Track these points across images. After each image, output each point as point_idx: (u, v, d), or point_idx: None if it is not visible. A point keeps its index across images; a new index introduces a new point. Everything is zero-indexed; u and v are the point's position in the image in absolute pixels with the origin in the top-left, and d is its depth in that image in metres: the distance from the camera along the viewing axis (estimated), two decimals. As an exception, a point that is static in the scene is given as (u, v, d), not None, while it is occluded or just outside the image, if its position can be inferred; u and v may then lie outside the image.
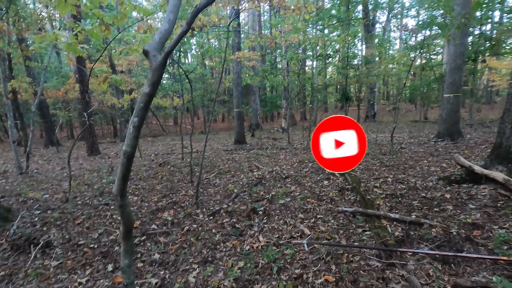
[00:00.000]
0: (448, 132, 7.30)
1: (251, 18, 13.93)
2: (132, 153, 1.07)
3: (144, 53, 1.03)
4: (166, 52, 1.00)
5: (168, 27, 1.04)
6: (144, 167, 6.46)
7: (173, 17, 1.06)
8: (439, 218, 2.75)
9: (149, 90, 0.99)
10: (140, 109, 1.01)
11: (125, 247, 1.27)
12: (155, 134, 17.57)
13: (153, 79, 0.98)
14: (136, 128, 1.03)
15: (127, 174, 1.10)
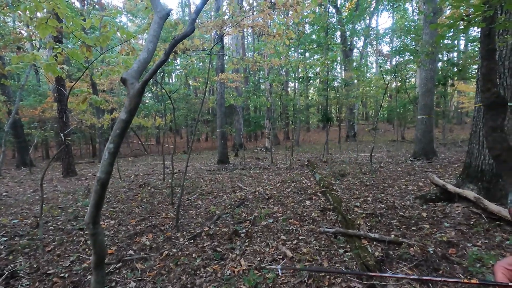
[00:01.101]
0: (423, 152, 7.62)
1: (234, 42, 14.36)
2: (107, 180, 1.05)
3: (122, 80, 1.04)
4: (144, 81, 1.02)
5: (146, 56, 1.07)
6: (123, 188, 6.25)
7: (152, 47, 1.09)
8: (416, 237, 2.82)
9: (126, 116, 1.00)
10: (116, 135, 1.01)
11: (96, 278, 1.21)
12: (136, 154, 17.17)
13: (131, 106, 0.99)
14: (112, 154, 1.02)
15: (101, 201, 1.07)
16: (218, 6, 8.74)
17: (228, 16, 4.51)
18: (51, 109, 12.39)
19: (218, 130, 9.27)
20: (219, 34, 4.35)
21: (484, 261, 2.25)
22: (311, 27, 19.02)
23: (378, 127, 22.74)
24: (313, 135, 24.53)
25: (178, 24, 3.97)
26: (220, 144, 9.25)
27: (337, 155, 10.38)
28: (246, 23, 4.42)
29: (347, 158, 9.27)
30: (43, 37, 2.80)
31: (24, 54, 2.64)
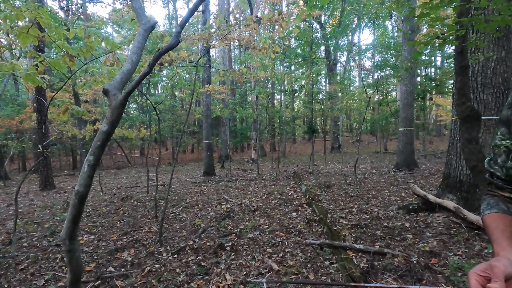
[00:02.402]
0: (405, 163, 7.84)
1: (221, 54, 14.52)
2: (86, 193, 1.01)
3: (104, 92, 1.03)
4: (127, 92, 1.00)
5: (130, 67, 1.06)
6: (104, 202, 6.04)
7: (136, 58, 1.08)
8: (400, 247, 2.86)
9: (108, 128, 0.97)
10: (97, 147, 0.98)
11: (72, 297, 1.15)
12: (120, 166, 16.72)
13: (112, 118, 0.97)
14: (91, 167, 0.99)
15: (78, 216, 1.03)
16: (205, 20, 8.86)
17: (215, 29, 4.58)
18: (30, 119, 11.96)
19: (204, 141, 9.21)
20: (206, 47, 4.39)
21: (465, 270, 2.30)
22: (296, 42, 19.55)
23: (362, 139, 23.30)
24: (299, 146, 24.79)
25: (165, 36, 3.98)
26: (206, 155, 9.17)
27: (323, 166, 10.51)
28: (232, 37, 4.50)
29: (332, 169, 9.39)
30: (24, 46, 2.74)
31: (2, 63, 2.56)
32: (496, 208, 0.72)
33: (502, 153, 0.73)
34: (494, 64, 3.25)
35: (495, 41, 2.93)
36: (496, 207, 0.73)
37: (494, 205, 0.74)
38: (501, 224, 0.68)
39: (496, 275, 0.51)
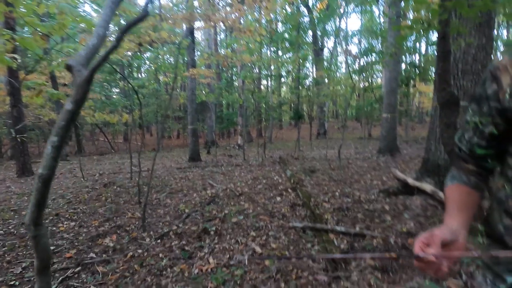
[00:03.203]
0: (387, 148, 8.04)
1: (206, 37, 14.11)
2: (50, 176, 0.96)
3: (67, 67, 0.95)
4: (93, 68, 0.94)
5: (96, 42, 0.98)
6: (85, 188, 5.89)
7: (103, 32, 1.01)
8: (379, 229, 2.96)
9: (72, 107, 0.91)
10: (61, 127, 0.92)
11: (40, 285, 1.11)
12: (103, 152, 16.30)
13: (77, 96, 0.91)
14: (56, 148, 0.93)
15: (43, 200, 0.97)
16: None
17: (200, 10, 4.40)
18: (4, 103, 11.35)
19: (189, 127, 9.07)
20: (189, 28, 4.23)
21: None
22: (283, 26, 19.24)
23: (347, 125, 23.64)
24: (286, 132, 24.91)
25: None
26: (191, 141, 9.06)
27: (308, 152, 10.63)
28: (216, 18, 4.34)
29: (318, 155, 9.52)
30: (-12, 22, 2.53)
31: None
32: (458, 179, 0.76)
33: (470, 129, 0.74)
34: (475, 51, 3.31)
35: (476, 28, 2.97)
36: (458, 178, 0.76)
37: (456, 177, 0.77)
38: (457, 195, 0.73)
39: (433, 241, 0.58)
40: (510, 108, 0.62)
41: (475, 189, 0.74)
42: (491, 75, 0.66)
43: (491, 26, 3.06)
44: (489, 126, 0.68)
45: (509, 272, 0.64)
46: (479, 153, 0.73)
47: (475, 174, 0.76)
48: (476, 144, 0.73)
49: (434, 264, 0.56)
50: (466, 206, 0.71)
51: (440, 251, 0.56)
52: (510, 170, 0.67)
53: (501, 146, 0.70)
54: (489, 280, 0.69)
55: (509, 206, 0.65)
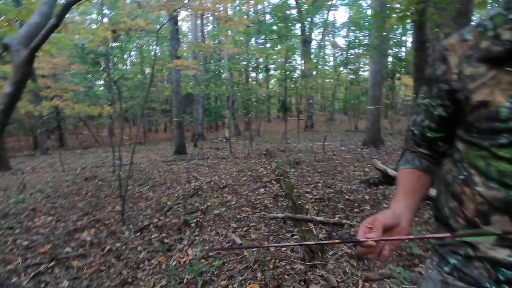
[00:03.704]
0: (372, 140, 8.15)
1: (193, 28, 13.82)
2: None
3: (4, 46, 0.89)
4: (32, 48, 0.87)
5: (38, 20, 0.92)
6: (66, 182, 5.74)
7: (47, 9, 0.94)
8: (358, 218, 3.00)
9: (11, 90, 0.85)
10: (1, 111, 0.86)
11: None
12: (86, 145, 15.91)
13: (16, 78, 0.85)
14: (-5, 134, 0.87)
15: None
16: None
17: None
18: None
19: (174, 119, 8.92)
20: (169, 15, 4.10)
21: (412, 235, 2.46)
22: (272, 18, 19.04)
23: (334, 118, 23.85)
24: (274, 125, 24.90)
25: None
26: (176, 134, 8.93)
27: (295, 144, 10.67)
28: (198, 7, 4.23)
29: (304, 147, 9.57)
30: None
31: None
32: (410, 163, 0.75)
33: (421, 112, 0.73)
34: (453, 42, 3.34)
35: (454, 18, 3.00)
36: (411, 162, 0.75)
37: (409, 161, 0.76)
38: (407, 179, 0.72)
39: (376, 226, 0.57)
40: (457, 89, 0.62)
41: (426, 172, 0.73)
42: (440, 56, 0.65)
43: (468, 17, 3.10)
44: (438, 108, 0.68)
45: (453, 253, 0.64)
46: (429, 136, 0.73)
47: (427, 157, 0.75)
48: (426, 127, 0.72)
49: (376, 248, 0.56)
50: (414, 190, 0.70)
51: (380, 235, 0.55)
52: (457, 152, 0.67)
53: (450, 129, 0.69)
54: (435, 262, 0.69)
55: (455, 189, 0.65)
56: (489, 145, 0.57)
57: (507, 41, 0.53)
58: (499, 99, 0.54)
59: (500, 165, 0.56)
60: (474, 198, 0.60)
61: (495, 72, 0.56)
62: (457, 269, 0.63)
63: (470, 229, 0.61)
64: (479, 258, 0.59)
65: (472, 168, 0.61)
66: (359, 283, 1.94)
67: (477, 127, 0.59)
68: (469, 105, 0.59)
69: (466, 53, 0.60)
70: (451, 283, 0.64)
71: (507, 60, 0.54)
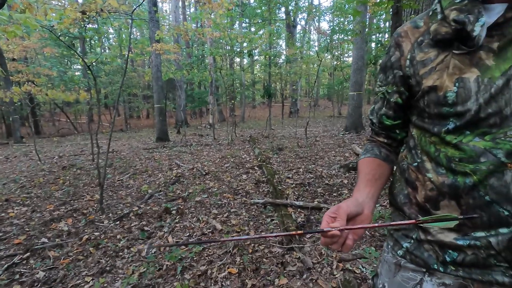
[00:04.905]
0: (353, 126, 8.31)
1: (175, 10, 13.28)
2: None
3: None
4: None
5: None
6: (42, 172, 5.55)
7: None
8: (336, 202, 3.09)
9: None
10: None
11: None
12: (64, 133, 15.34)
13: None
14: None
15: None
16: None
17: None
18: None
19: (155, 105, 8.70)
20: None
21: (385, 217, 2.58)
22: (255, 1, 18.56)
23: (319, 104, 24.03)
24: (259, 111, 24.85)
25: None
26: (158, 120, 8.74)
27: (279, 130, 10.73)
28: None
29: (288, 133, 9.64)
30: None
31: None
32: (370, 153, 0.76)
33: (378, 100, 0.74)
34: (430, 29, 3.39)
35: (429, 5, 3.03)
36: (370, 151, 0.76)
37: (369, 150, 0.77)
38: (367, 168, 0.73)
39: (339, 215, 0.56)
40: (410, 75, 0.62)
41: (386, 161, 0.74)
42: (394, 43, 0.66)
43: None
44: (394, 95, 0.69)
45: (405, 237, 0.67)
46: (387, 124, 0.74)
47: (387, 146, 0.77)
48: (384, 114, 0.73)
49: (339, 237, 0.55)
50: (375, 178, 0.70)
51: (344, 225, 0.55)
52: (411, 139, 0.68)
53: (406, 115, 0.71)
54: (390, 246, 0.72)
55: (410, 176, 0.66)
56: (438, 131, 0.59)
57: (453, 20, 0.53)
58: (447, 83, 0.55)
59: (448, 150, 0.57)
60: (425, 185, 0.62)
61: (444, 56, 0.56)
62: (409, 252, 0.65)
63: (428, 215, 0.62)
64: (429, 241, 0.62)
65: (424, 154, 0.63)
66: (334, 263, 2.03)
67: (427, 113, 0.60)
68: (420, 90, 0.60)
69: (418, 39, 0.61)
70: (403, 265, 0.67)
71: (454, 43, 0.55)
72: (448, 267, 0.59)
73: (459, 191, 0.56)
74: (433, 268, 0.61)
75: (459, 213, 0.56)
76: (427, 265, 0.62)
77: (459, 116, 0.55)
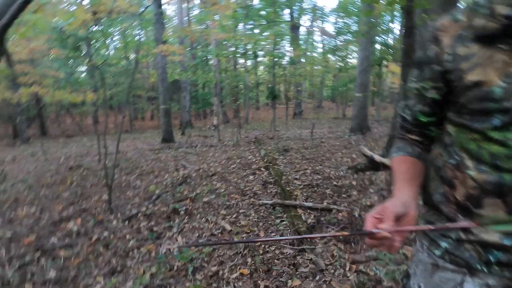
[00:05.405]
0: (359, 127, 8.27)
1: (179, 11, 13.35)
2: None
3: (-29, 25, 0.82)
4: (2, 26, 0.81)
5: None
6: (49, 172, 5.58)
7: (17, -15, 0.87)
8: (345, 203, 3.07)
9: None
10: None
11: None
12: (69, 134, 15.45)
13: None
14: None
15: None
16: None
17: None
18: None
19: (161, 107, 8.74)
20: None
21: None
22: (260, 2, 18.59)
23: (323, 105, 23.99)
24: (262, 113, 24.83)
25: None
26: (163, 121, 8.77)
27: (284, 131, 10.71)
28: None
29: (292, 134, 9.62)
30: None
31: None
32: (403, 151, 0.73)
33: (413, 96, 0.72)
34: (440, 29, 3.36)
35: (441, 5, 3.01)
36: (403, 149, 0.73)
37: (401, 148, 0.74)
38: (403, 166, 0.70)
39: (386, 215, 0.53)
40: (450, 70, 0.60)
41: (420, 159, 0.72)
42: (432, 37, 0.64)
43: (454, 2, 3.11)
44: (431, 91, 0.66)
45: (443, 237, 0.65)
46: (423, 121, 0.72)
47: (418, 144, 0.74)
48: (419, 111, 0.71)
49: (388, 239, 0.51)
50: (414, 177, 0.67)
51: (393, 226, 0.51)
52: (447, 136, 0.66)
53: (442, 112, 0.69)
54: (425, 246, 0.70)
55: (446, 174, 0.64)
56: (480, 127, 0.57)
57: (503, 16, 0.52)
58: (492, 78, 0.54)
59: (491, 147, 0.56)
60: (465, 182, 0.60)
61: (489, 51, 0.55)
62: (449, 252, 0.63)
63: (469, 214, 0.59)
64: (470, 241, 0.60)
65: (463, 151, 0.61)
66: (347, 265, 2.00)
67: (468, 109, 0.58)
68: (461, 85, 0.58)
69: (459, 33, 0.59)
70: (441, 265, 0.65)
71: (501, 38, 0.53)
72: (492, 267, 0.57)
73: (504, 189, 0.54)
74: (475, 268, 0.59)
75: (505, 211, 0.55)
76: (468, 265, 0.60)
77: (506, 112, 0.53)
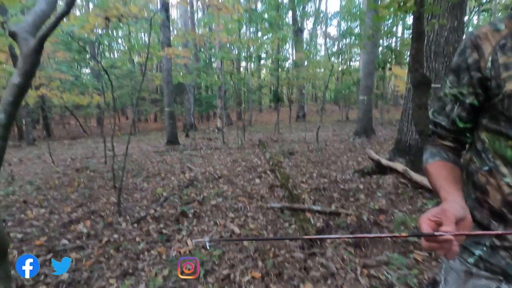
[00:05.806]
0: (363, 130, 8.27)
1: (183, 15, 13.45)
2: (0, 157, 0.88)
3: (12, 35, 0.84)
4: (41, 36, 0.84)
5: (45, 7, 0.87)
6: (56, 174, 5.62)
7: (53, -4, 0.90)
8: (353, 207, 3.07)
9: (20, 81, 0.82)
10: (9, 103, 0.82)
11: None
12: (74, 136, 15.55)
13: (25, 68, 0.81)
14: (4, 126, 0.84)
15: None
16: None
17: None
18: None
19: (166, 109, 8.79)
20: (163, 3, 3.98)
21: (407, 223, 2.55)
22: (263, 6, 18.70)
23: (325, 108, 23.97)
24: (266, 115, 24.88)
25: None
26: (168, 124, 8.82)
27: (287, 134, 10.72)
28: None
29: (297, 137, 9.63)
30: None
31: None
32: (439, 156, 0.73)
33: (449, 102, 0.72)
34: (447, 33, 3.39)
35: (449, 10, 3.03)
36: (438, 155, 0.73)
37: (436, 154, 0.74)
38: (444, 171, 0.69)
39: (448, 218, 0.51)
40: (490, 77, 0.61)
41: (456, 164, 0.71)
42: (471, 44, 0.64)
43: (463, 9, 3.14)
44: (469, 97, 0.67)
45: (476, 244, 0.65)
46: (460, 126, 0.71)
47: (451, 150, 0.74)
48: (457, 116, 0.71)
49: (448, 243, 0.49)
50: (455, 181, 0.66)
51: (454, 229, 0.50)
52: (480, 143, 0.67)
53: (477, 118, 0.69)
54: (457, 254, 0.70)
55: (478, 180, 0.65)
56: None
57: None
58: None
59: None
60: (500, 189, 0.60)
61: None
62: (483, 260, 0.63)
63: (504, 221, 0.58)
64: (506, 247, 0.60)
65: (498, 158, 0.61)
66: (358, 269, 2.00)
67: (506, 116, 0.59)
68: (500, 93, 0.59)
69: (500, 42, 0.60)
70: (475, 273, 0.65)
71: None
72: None
73: None
74: (511, 275, 0.60)
75: None
76: (505, 272, 0.61)
77: None
